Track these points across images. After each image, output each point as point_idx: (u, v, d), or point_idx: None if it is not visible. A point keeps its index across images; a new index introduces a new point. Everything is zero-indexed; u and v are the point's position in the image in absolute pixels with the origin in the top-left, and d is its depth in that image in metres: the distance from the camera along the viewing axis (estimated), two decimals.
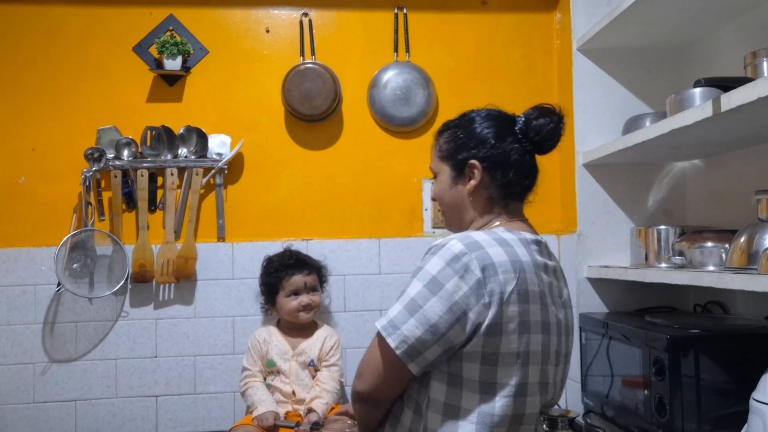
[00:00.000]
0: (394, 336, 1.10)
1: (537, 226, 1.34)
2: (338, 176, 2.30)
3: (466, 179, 1.25)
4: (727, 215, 1.89)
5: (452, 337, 1.09)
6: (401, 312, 1.11)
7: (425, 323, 1.08)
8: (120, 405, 2.17)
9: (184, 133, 2.22)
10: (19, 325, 2.15)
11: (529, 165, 1.27)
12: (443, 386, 1.12)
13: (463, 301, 1.08)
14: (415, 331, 1.09)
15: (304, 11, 2.32)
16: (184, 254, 2.19)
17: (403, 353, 1.09)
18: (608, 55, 2.13)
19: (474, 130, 1.25)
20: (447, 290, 1.08)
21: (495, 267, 1.10)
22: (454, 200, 1.28)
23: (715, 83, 1.53)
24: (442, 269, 1.10)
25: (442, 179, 1.29)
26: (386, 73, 2.30)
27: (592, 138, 2.11)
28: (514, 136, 1.25)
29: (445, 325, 1.08)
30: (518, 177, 1.25)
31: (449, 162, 1.28)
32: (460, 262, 1.09)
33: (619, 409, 1.77)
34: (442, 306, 1.08)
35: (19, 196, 2.19)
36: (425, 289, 1.10)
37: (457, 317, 1.08)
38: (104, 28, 2.24)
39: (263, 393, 1.98)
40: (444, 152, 1.29)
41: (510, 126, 1.26)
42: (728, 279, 1.41)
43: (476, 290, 1.08)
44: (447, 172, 1.28)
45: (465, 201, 1.26)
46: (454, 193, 1.27)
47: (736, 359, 1.51)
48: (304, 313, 2.04)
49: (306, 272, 2.07)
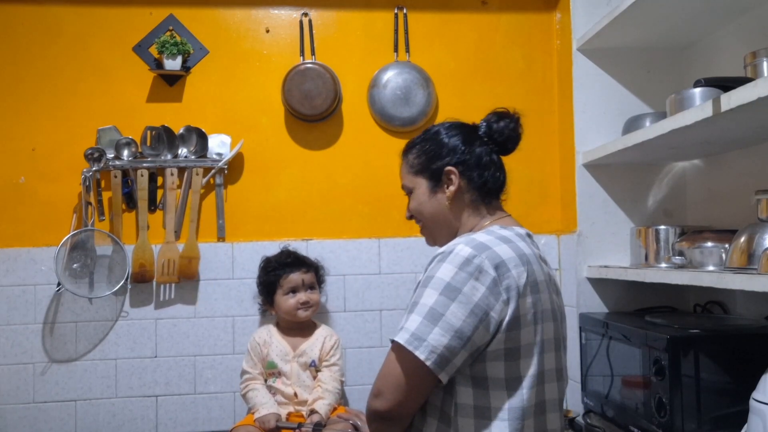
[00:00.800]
0: (422, 348, 1.08)
1: (537, 226, 1.35)
2: (338, 176, 2.30)
3: (444, 186, 1.30)
4: (727, 215, 1.89)
5: (477, 339, 1.10)
6: (422, 323, 1.10)
7: (450, 330, 1.08)
8: (120, 405, 2.17)
9: (184, 133, 2.22)
10: (19, 325, 2.15)
11: (499, 165, 1.34)
12: (469, 389, 1.13)
13: (483, 302, 1.09)
14: (442, 340, 1.08)
15: (304, 11, 2.32)
16: (187, 254, 2.19)
17: (433, 364, 1.08)
18: (608, 55, 2.13)
19: (442, 140, 1.32)
20: (465, 294, 1.09)
21: (506, 264, 1.13)
22: (436, 210, 1.31)
23: (715, 83, 1.53)
24: (455, 274, 1.11)
25: (420, 193, 1.33)
26: (386, 73, 2.31)
27: (592, 138, 2.11)
28: (480, 139, 1.32)
29: (470, 329, 1.09)
30: (493, 177, 1.31)
31: (424, 174, 1.32)
32: (472, 265, 1.11)
33: (619, 409, 1.77)
34: (463, 310, 1.09)
35: (19, 196, 2.19)
36: (442, 297, 1.10)
37: (480, 318, 1.09)
38: (104, 28, 2.25)
39: (264, 395, 1.98)
40: (417, 166, 1.33)
41: (474, 131, 1.33)
42: (728, 279, 1.41)
43: (493, 289, 1.10)
44: (423, 184, 1.32)
45: (447, 210, 1.30)
46: (435, 203, 1.31)
47: (736, 359, 1.51)
48: (303, 310, 2.04)
49: (304, 270, 2.07)
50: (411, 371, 1.11)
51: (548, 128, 2.35)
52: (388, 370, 1.14)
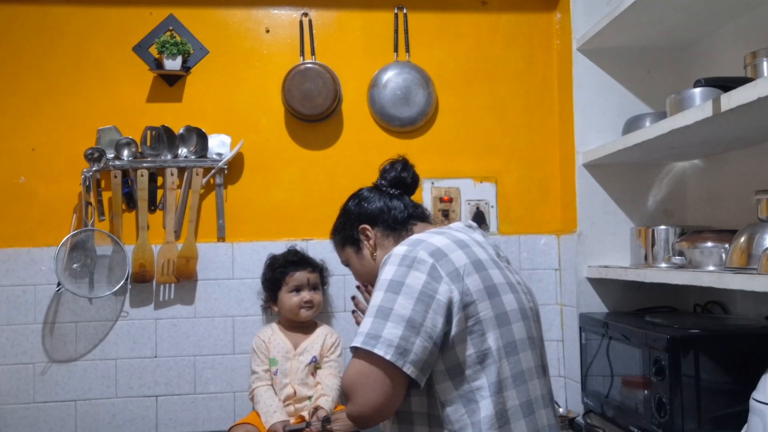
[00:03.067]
0: (379, 345, 1.10)
1: (537, 226, 1.35)
2: (338, 176, 2.30)
3: (364, 243, 1.41)
4: (727, 215, 1.89)
5: (430, 324, 1.12)
6: (374, 322, 1.13)
7: (401, 320, 1.11)
8: (120, 405, 2.17)
9: (184, 133, 2.22)
10: (19, 325, 2.15)
11: (406, 200, 1.44)
12: (449, 383, 1.14)
13: (427, 288, 1.13)
14: (395, 332, 1.10)
15: (304, 11, 2.32)
16: (185, 254, 2.19)
17: (393, 356, 1.09)
18: (608, 55, 2.13)
19: (348, 210, 1.45)
20: (408, 285, 1.14)
21: (441, 250, 1.19)
22: (370, 265, 1.40)
23: (715, 83, 1.53)
24: (396, 270, 1.16)
25: (353, 261, 1.44)
26: (386, 73, 2.31)
27: (592, 138, 2.11)
28: (381, 193, 1.44)
29: (420, 316, 1.11)
30: (402, 211, 1.40)
31: (346, 243, 1.44)
32: (408, 258, 1.17)
33: (619, 409, 1.77)
34: (410, 300, 1.12)
35: (19, 196, 2.19)
36: (388, 293, 1.14)
37: (426, 304, 1.12)
38: (104, 28, 2.25)
39: (271, 400, 1.98)
40: (340, 241, 1.46)
41: (373, 191, 1.45)
42: (728, 279, 1.41)
43: (433, 273, 1.15)
44: (350, 251, 1.44)
45: (376, 260, 1.39)
46: (366, 261, 1.41)
47: (736, 359, 1.51)
48: (305, 310, 2.05)
49: (310, 270, 2.09)
50: (374, 370, 1.11)
51: (548, 128, 2.35)
52: (351, 375, 1.14)
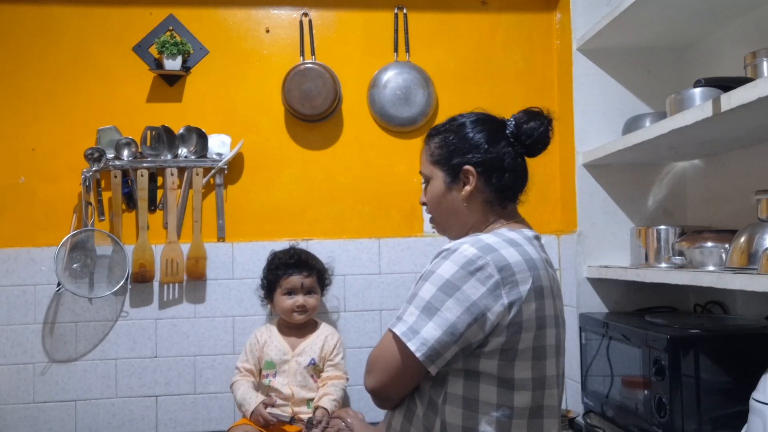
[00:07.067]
0: (415, 340, 1.10)
1: (537, 227, 1.34)
2: (338, 176, 2.30)
3: (461, 185, 1.26)
4: (727, 215, 1.89)
5: (470, 336, 1.10)
6: (419, 317, 1.11)
7: (443, 324, 1.09)
8: (120, 405, 2.17)
9: (184, 133, 2.22)
10: (19, 325, 2.15)
11: (521, 168, 1.29)
12: (460, 380, 1.14)
13: (482, 302, 1.09)
14: (435, 334, 1.09)
15: (304, 11, 2.32)
16: (193, 255, 2.19)
17: (423, 356, 1.10)
18: (608, 55, 2.13)
19: (466, 134, 1.26)
20: (463, 292, 1.10)
21: (511, 267, 1.12)
22: (449, 206, 1.28)
23: (715, 83, 1.53)
24: (455, 272, 1.11)
25: (436, 184, 1.29)
26: (386, 73, 2.30)
27: (592, 138, 2.11)
28: (506, 139, 1.26)
29: (463, 325, 1.09)
30: (512, 180, 1.27)
31: (442, 167, 1.28)
32: (475, 265, 1.11)
33: (619, 409, 1.77)
34: (459, 307, 1.09)
35: (19, 196, 2.19)
36: (440, 292, 1.11)
37: (475, 317, 1.09)
38: (104, 28, 2.24)
39: (249, 391, 1.97)
40: (436, 157, 1.29)
41: (501, 130, 1.27)
42: (728, 279, 1.41)
43: (494, 291, 1.10)
44: (440, 177, 1.28)
45: (461, 207, 1.26)
46: (449, 199, 1.27)
47: (736, 359, 1.51)
48: (298, 314, 2.04)
49: (305, 273, 2.06)
50: (401, 359, 1.13)
51: None
52: (380, 352, 1.17)
